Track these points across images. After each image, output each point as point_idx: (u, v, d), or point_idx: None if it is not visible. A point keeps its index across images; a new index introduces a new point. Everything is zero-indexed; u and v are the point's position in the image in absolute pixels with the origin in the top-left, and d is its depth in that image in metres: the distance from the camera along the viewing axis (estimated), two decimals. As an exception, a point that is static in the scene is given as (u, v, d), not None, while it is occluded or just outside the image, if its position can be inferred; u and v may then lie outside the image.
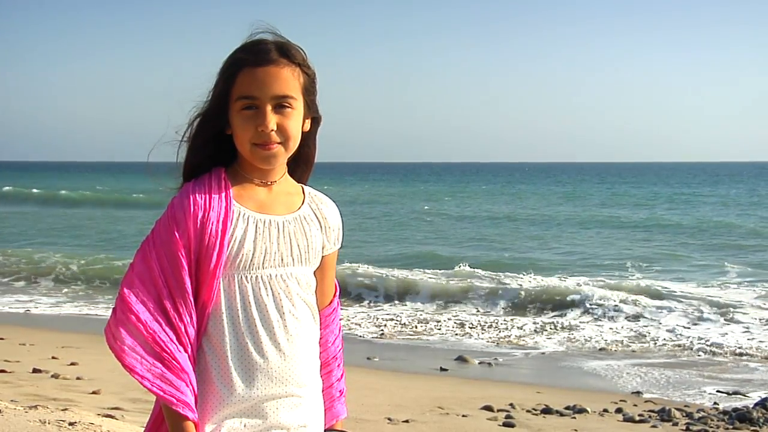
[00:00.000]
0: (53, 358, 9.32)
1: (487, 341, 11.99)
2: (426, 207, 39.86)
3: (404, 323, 13.12)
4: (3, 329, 11.43)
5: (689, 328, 12.46)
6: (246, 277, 1.98)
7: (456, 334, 12.46)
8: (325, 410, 2.13)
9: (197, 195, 1.98)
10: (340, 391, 2.21)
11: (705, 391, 9.14)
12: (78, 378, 8.16)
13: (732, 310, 13.10)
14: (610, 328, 12.69)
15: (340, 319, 2.28)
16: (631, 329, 12.55)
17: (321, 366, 2.12)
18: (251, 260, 1.98)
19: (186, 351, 1.93)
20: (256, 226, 2.00)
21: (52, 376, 8.20)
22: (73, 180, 71.95)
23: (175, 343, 1.91)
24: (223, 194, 2.00)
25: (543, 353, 11.31)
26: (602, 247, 22.77)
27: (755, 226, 27.48)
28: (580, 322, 13.12)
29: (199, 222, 1.95)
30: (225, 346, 1.96)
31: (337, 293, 2.22)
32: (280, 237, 2.02)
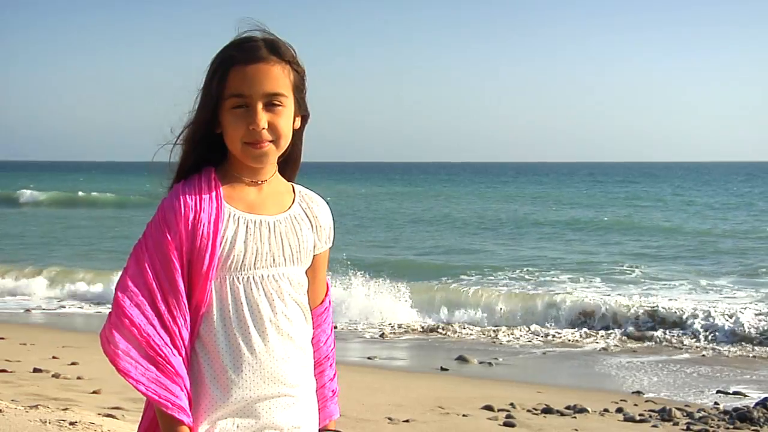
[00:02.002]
0: (54, 357, 9.33)
1: (488, 341, 12.00)
2: (399, 208, 38.95)
3: (405, 323, 13.12)
4: (4, 329, 11.45)
5: (688, 327, 12.43)
6: (238, 278, 1.97)
7: (456, 334, 12.46)
8: (318, 410, 2.12)
9: (187, 196, 1.96)
10: (332, 391, 2.18)
11: (705, 391, 9.14)
12: (79, 378, 8.17)
13: (730, 310, 13.08)
14: (611, 328, 12.67)
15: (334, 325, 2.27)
16: (631, 329, 12.53)
17: (314, 366, 2.11)
18: (242, 261, 1.97)
19: (180, 354, 1.92)
20: (247, 226, 1.99)
21: (53, 375, 8.21)
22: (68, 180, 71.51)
23: (169, 347, 1.90)
24: (214, 195, 1.98)
25: (544, 353, 11.32)
26: (595, 248, 22.66)
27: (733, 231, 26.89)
28: (579, 322, 13.10)
29: (190, 224, 1.94)
30: (217, 348, 1.95)
31: (329, 292, 2.21)
32: (271, 237, 2.01)
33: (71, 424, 5.08)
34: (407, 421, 7.22)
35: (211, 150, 2.04)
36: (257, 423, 1.96)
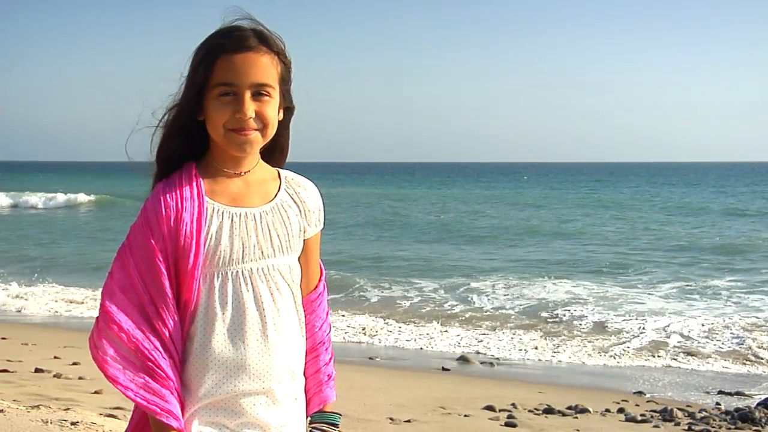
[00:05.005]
0: (55, 357, 9.31)
1: (487, 341, 11.98)
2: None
3: (406, 323, 13.10)
4: (5, 329, 11.44)
5: (689, 327, 12.42)
6: (226, 273, 1.96)
7: (456, 334, 12.44)
8: (313, 395, 2.11)
9: (168, 196, 1.95)
10: (328, 375, 2.15)
11: (707, 391, 9.13)
12: (80, 378, 8.16)
13: (729, 311, 13.07)
14: (610, 328, 12.66)
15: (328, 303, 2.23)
16: (631, 329, 12.51)
17: (308, 351, 2.09)
18: (230, 256, 1.95)
19: (171, 357, 1.91)
20: (232, 220, 1.97)
21: (54, 375, 8.20)
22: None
23: (159, 351, 1.89)
24: (195, 192, 1.96)
25: (544, 353, 11.30)
26: (588, 249, 22.55)
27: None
28: (580, 322, 13.09)
29: (173, 224, 1.92)
30: (207, 344, 1.94)
31: (323, 276, 2.18)
32: (257, 229, 1.99)
33: (73, 424, 5.08)
34: (409, 421, 7.21)
35: (192, 141, 2.01)
36: (241, 419, 1.95)
